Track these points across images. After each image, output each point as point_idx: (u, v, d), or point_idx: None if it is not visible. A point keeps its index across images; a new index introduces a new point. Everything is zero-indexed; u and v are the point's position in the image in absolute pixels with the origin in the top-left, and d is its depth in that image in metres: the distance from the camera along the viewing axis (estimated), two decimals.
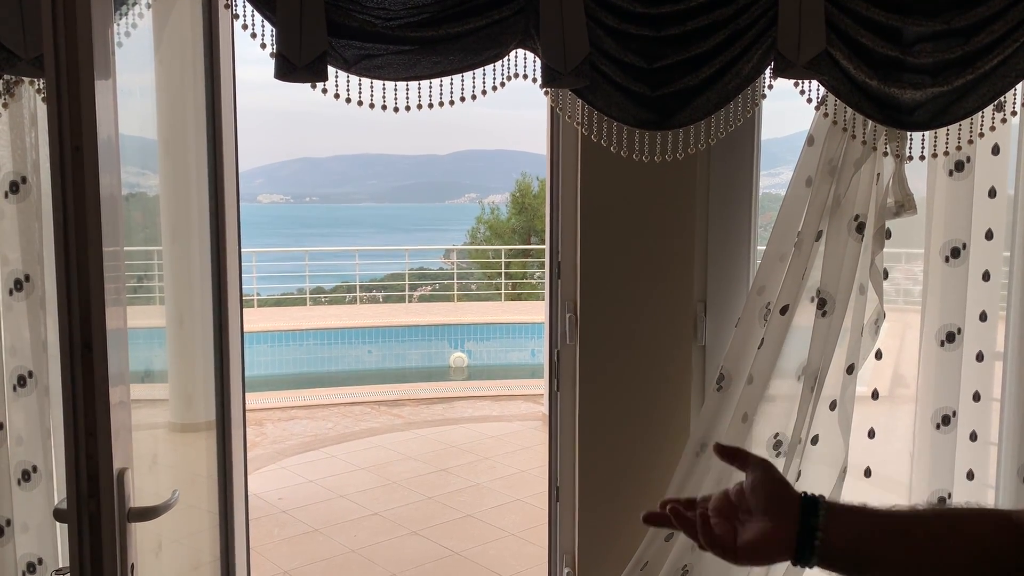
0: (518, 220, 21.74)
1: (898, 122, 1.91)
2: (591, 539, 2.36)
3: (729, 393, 2.15)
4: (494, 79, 1.86)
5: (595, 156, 2.18)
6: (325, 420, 7.70)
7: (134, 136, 2.23)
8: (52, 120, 1.43)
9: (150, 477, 2.09)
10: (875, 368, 2.21)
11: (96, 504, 1.47)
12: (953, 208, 2.10)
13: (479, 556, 4.69)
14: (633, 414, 2.32)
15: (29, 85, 1.84)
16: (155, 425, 2.48)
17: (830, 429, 2.13)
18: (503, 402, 8.44)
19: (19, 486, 1.93)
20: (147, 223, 2.53)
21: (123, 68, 1.74)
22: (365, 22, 1.74)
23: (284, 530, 5.04)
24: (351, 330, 11.74)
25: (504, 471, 6.13)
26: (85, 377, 1.46)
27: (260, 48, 1.79)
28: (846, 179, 2.03)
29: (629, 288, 2.29)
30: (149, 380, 2.45)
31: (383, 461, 6.41)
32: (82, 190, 1.44)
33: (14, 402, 1.91)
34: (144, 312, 2.53)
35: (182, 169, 2.54)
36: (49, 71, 1.42)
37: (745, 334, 2.14)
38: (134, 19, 1.89)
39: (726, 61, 1.85)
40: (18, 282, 1.90)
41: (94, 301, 1.45)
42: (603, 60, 1.83)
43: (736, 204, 2.28)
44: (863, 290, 2.09)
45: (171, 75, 2.47)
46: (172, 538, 2.29)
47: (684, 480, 2.19)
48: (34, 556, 1.97)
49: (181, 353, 2.61)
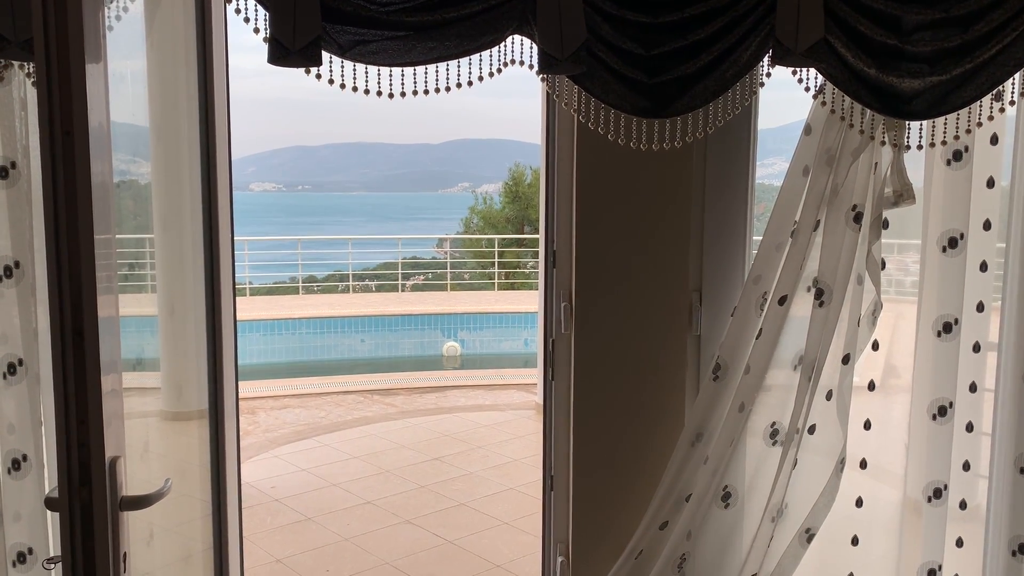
0: (512, 209, 21.71)
1: (896, 111, 1.90)
2: (585, 528, 2.36)
3: (725, 383, 2.15)
4: (490, 65, 1.84)
5: (591, 144, 2.16)
6: (318, 409, 7.68)
7: (125, 123, 2.20)
8: (42, 105, 1.41)
9: (142, 465, 2.08)
10: (871, 359, 2.20)
11: (88, 493, 1.46)
12: (951, 198, 2.10)
13: (472, 545, 4.69)
14: (628, 403, 2.32)
15: (19, 69, 1.82)
16: (147, 414, 2.47)
17: (827, 419, 2.13)
18: (496, 391, 8.44)
19: (9, 475, 1.92)
20: (138, 211, 2.50)
21: (113, 53, 1.71)
22: (360, 7, 1.72)
23: (277, 518, 5.03)
24: (344, 319, 11.71)
25: (497, 460, 6.13)
26: (77, 365, 1.45)
27: (253, 33, 1.76)
28: (844, 168, 2.02)
29: (625, 277, 2.28)
30: (140, 368, 2.43)
31: (376, 450, 6.41)
32: (73, 176, 1.42)
33: (4, 390, 1.90)
34: (135, 300, 2.51)
35: (174, 156, 2.51)
36: (39, 54, 1.39)
37: (741, 324, 2.13)
38: (125, 2, 1.86)
39: (724, 48, 1.83)
40: (8, 269, 1.88)
41: (86, 288, 1.43)
42: (600, 47, 1.82)
43: (732, 193, 2.27)
44: (860, 280, 2.08)
45: (163, 61, 2.44)
46: (164, 527, 2.28)
47: (679, 470, 2.19)
48: (24, 546, 1.95)
49: (173, 341, 2.59)
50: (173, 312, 2.57)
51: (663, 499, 2.20)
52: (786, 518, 2.17)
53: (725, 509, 2.18)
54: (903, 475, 2.25)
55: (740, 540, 2.22)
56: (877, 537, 2.26)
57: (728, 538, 2.22)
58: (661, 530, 2.21)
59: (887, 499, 2.28)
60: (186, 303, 2.54)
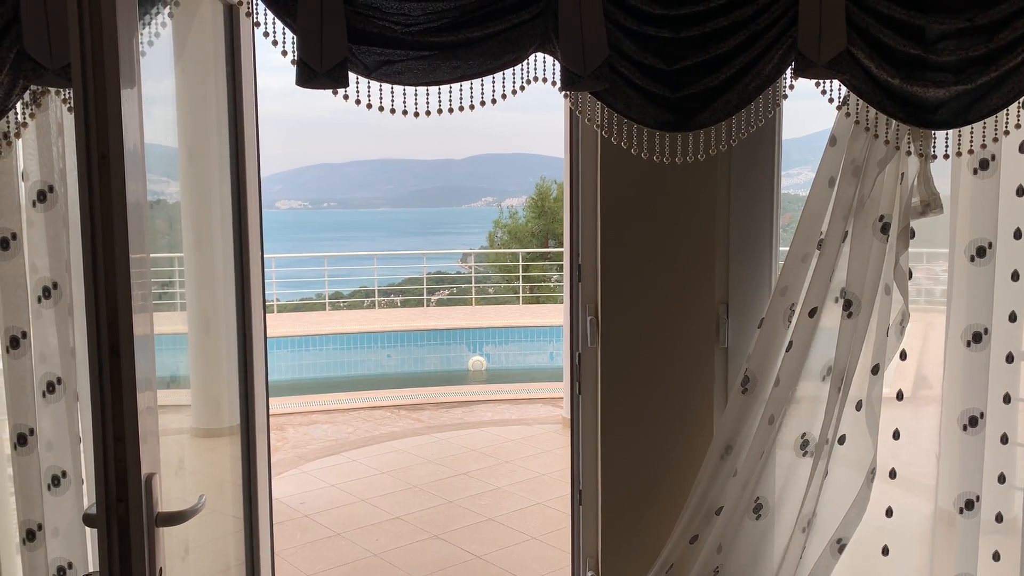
0: (536, 223, 21.72)
1: (922, 121, 1.89)
2: (614, 542, 2.36)
3: (754, 395, 2.14)
4: (513, 83, 1.86)
5: (615, 158, 2.18)
6: (345, 424, 7.72)
7: (155, 144, 2.25)
8: (79, 128, 1.45)
9: (176, 482, 2.11)
10: (900, 369, 2.19)
11: (125, 509, 1.48)
12: (978, 207, 2.08)
13: (501, 560, 4.68)
14: (655, 416, 2.32)
15: (55, 95, 1.87)
16: (180, 431, 2.50)
17: (857, 429, 2.12)
18: (522, 405, 8.42)
19: (49, 491, 1.95)
20: (168, 230, 2.55)
21: (146, 77, 1.76)
22: (385, 28, 1.75)
23: (306, 534, 5.06)
24: (370, 334, 11.76)
25: (524, 475, 6.11)
26: (113, 382, 1.48)
27: (281, 56, 1.80)
28: (870, 179, 2.01)
29: (650, 290, 2.28)
30: (174, 386, 2.47)
31: (404, 465, 6.42)
32: (109, 197, 1.45)
33: (43, 408, 1.94)
34: (166, 318, 2.56)
35: (204, 176, 2.56)
36: (76, 80, 1.43)
37: (769, 335, 2.13)
38: (156, 28, 1.91)
39: (746, 62, 1.84)
40: (46, 289, 1.93)
41: (121, 307, 1.47)
42: (622, 62, 1.83)
43: (758, 204, 2.27)
44: (888, 290, 2.07)
45: (193, 83, 2.49)
46: (198, 543, 2.31)
47: (709, 483, 2.18)
48: (64, 560, 1.99)
49: (205, 359, 2.63)
50: (208, 330, 2.61)
51: (693, 512, 2.20)
52: (817, 529, 2.16)
53: (757, 520, 2.17)
54: (934, 486, 2.23)
55: (771, 551, 2.21)
56: (908, 548, 2.23)
57: (759, 550, 2.20)
58: (691, 544, 2.20)
59: (918, 510, 2.25)
60: (218, 320, 2.58)
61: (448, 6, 1.77)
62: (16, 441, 1.90)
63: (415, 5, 1.76)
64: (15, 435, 1.90)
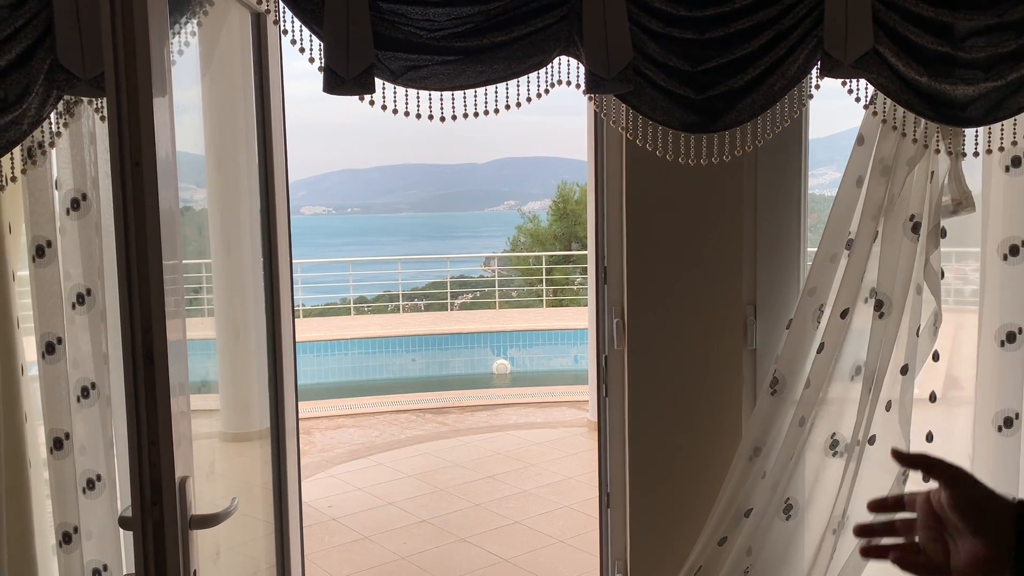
0: (559, 227, 21.70)
1: (951, 118, 1.88)
2: (643, 544, 2.35)
3: (783, 396, 2.13)
4: (538, 86, 1.87)
5: (640, 160, 2.17)
6: (372, 428, 7.75)
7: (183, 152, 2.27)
8: (113, 137, 1.48)
9: (208, 485, 2.13)
10: (931, 370, 2.16)
11: (159, 512, 1.51)
12: (1011, 204, 2.06)
13: (529, 563, 4.68)
14: (683, 418, 2.31)
15: (88, 105, 1.90)
16: (211, 435, 2.53)
17: (888, 430, 2.10)
18: (547, 408, 8.42)
19: (84, 494, 1.98)
20: (197, 236, 2.58)
21: (176, 85, 1.79)
22: (411, 34, 1.76)
23: (334, 537, 5.08)
24: (395, 339, 11.82)
25: (551, 478, 6.11)
26: (147, 387, 1.50)
27: (308, 63, 1.82)
28: (900, 178, 2.00)
29: (677, 292, 2.27)
30: (205, 391, 2.49)
31: (430, 468, 6.44)
32: (142, 205, 1.48)
33: (78, 413, 1.97)
34: (196, 324, 2.58)
35: (233, 183, 2.59)
36: (110, 89, 1.46)
37: (798, 337, 2.12)
38: (186, 37, 1.93)
39: (772, 62, 1.83)
40: (80, 296, 1.96)
41: (155, 313, 1.49)
42: (647, 64, 1.83)
43: (785, 205, 2.26)
44: (919, 291, 2.05)
45: (222, 91, 2.52)
46: (229, 545, 2.33)
47: (738, 484, 2.17)
48: (99, 563, 2.01)
49: (234, 363, 2.66)
50: (237, 335, 2.63)
51: (722, 514, 2.19)
52: (847, 530, 2.14)
53: (786, 521, 2.16)
54: None
55: (801, 553, 2.19)
56: None
57: (789, 551, 2.19)
58: (720, 545, 2.19)
59: None
60: (248, 325, 2.61)
61: (473, 11, 1.78)
62: (52, 445, 1.93)
63: (440, 11, 1.77)
64: (51, 439, 1.93)
